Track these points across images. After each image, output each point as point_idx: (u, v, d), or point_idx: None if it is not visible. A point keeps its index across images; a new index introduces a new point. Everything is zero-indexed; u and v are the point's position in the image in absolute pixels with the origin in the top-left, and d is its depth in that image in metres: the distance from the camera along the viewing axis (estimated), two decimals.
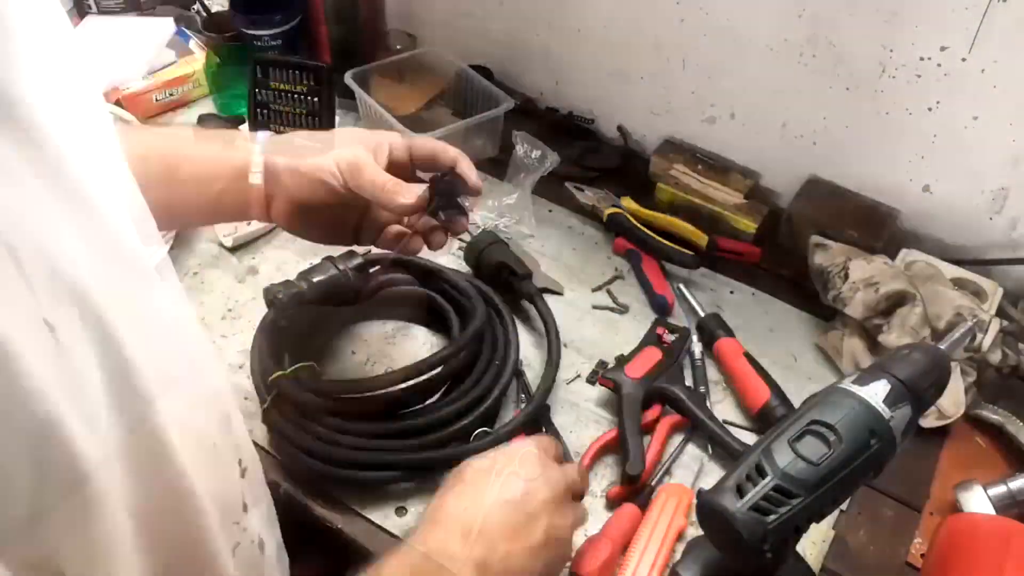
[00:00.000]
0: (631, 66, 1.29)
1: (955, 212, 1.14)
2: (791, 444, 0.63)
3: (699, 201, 1.21)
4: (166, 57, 1.36)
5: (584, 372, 1.01)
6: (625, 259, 1.17)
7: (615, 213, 1.17)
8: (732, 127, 1.26)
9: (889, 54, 1.06)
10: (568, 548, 0.73)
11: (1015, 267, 1.11)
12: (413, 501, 0.87)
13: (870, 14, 1.04)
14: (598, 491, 0.89)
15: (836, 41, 1.09)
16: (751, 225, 1.18)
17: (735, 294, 1.14)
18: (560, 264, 1.16)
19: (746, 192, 1.23)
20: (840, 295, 1.02)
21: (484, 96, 1.30)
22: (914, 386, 0.65)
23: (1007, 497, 0.86)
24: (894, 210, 1.17)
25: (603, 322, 1.08)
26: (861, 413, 0.63)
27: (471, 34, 1.43)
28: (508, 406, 0.96)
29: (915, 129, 1.10)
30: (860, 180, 1.19)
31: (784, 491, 0.61)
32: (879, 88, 1.09)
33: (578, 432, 0.95)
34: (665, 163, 1.27)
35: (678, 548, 0.84)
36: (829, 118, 1.16)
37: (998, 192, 1.09)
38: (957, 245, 1.16)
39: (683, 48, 1.22)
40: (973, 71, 1.02)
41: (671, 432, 0.94)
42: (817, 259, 1.08)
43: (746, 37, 1.16)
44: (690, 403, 0.94)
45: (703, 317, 1.06)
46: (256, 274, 1.10)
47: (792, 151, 1.22)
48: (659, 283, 1.11)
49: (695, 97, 1.26)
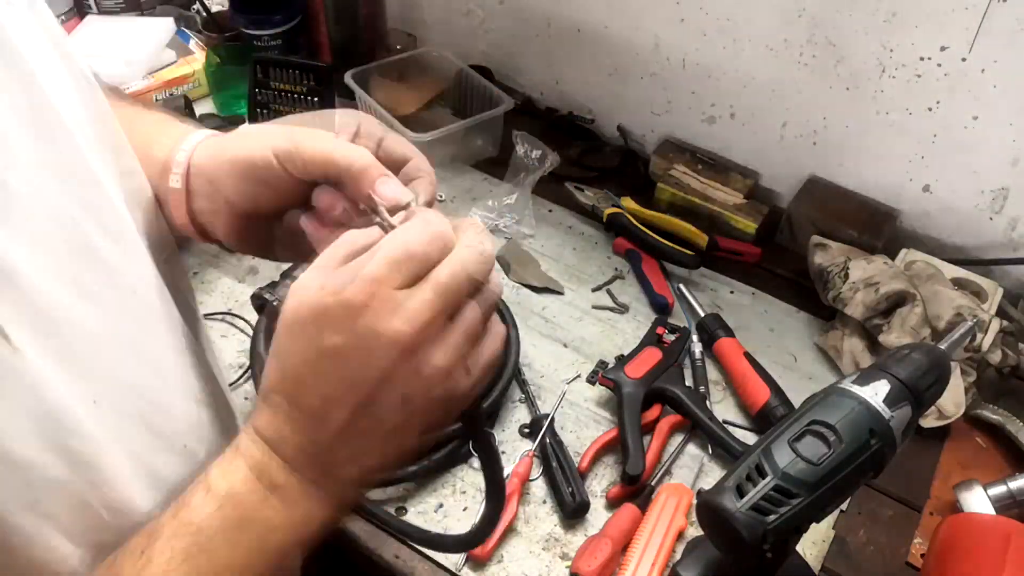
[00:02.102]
0: (631, 66, 1.29)
1: (955, 212, 1.14)
2: (791, 444, 0.63)
3: (699, 201, 1.21)
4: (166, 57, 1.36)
5: (584, 372, 1.01)
6: (625, 259, 1.17)
7: (615, 213, 1.17)
8: (732, 127, 1.26)
9: (889, 54, 1.06)
10: (458, 392, 0.45)
11: (1015, 267, 1.11)
12: (413, 501, 0.87)
13: (870, 14, 1.04)
14: (598, 491, 0.89)
15: (836, 41, 1.09)
16: (751, 225, 1.18)
17: (735, 294, 1.14)
18: (560, 264, 1.16)
19: (746, 192, 1.23)
20: (840, 295, 1.02)
21: (484, 96, 1.30)
22: (914, 386, 0.65)
23: (1007, 497, 0.86)
24: (894, 210, 1.17)
25: (603, 322, 1.08)
26: (861, 413, 0.63)
27: (471, 34, 1.43)
28: (508, 406, 0.96)
29: (915, 129, 1.10)
30: (860, 180, 1.19)
31: (784, 491, 0.61)
32: (879, 88, 1.09)
33: (578, 432, 0.95)
34: (665, 163, 1.27)
35: (678, 548, 0.84)
36: (829, 118, 1.16)
37: (998, 192, 1.09)
38: (957, 245, 1.16)
39: (683, 48, 1.22)
40: (973, 71, 1.02)
41: (671, 432, 0.94)
42: (817, 259, 1.08)
43: (746, 37, 1.16)
44: (690, 403, 0.94)
45: (703, 317, 1.06)
46: (256, 274, 1.10)
47: (792, 151, 1.22)
48: (659, 283, 1.11)
49: (695, 97, 1.26)
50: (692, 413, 0.93)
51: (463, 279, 0.43)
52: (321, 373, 0.43)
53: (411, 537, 0.75)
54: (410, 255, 0.42)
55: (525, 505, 0.87)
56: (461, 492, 0.88)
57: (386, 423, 0.44)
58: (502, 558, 0.83)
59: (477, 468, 0.90)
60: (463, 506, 0.87)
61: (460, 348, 0.44)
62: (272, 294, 0.94)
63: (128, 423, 0.50)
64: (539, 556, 0.83)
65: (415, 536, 0.73)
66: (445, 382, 0.44)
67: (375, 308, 0.41)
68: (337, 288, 0.42)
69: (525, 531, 0.85)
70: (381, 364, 0.42)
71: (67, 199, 0.47)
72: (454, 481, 0.89)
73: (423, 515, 0.86)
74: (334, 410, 0.44)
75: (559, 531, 0.86)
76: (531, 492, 0.89)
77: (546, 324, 1.07)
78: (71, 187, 0.47)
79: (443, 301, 0.43)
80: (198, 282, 1.08)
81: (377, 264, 0.42)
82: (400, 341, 0.42)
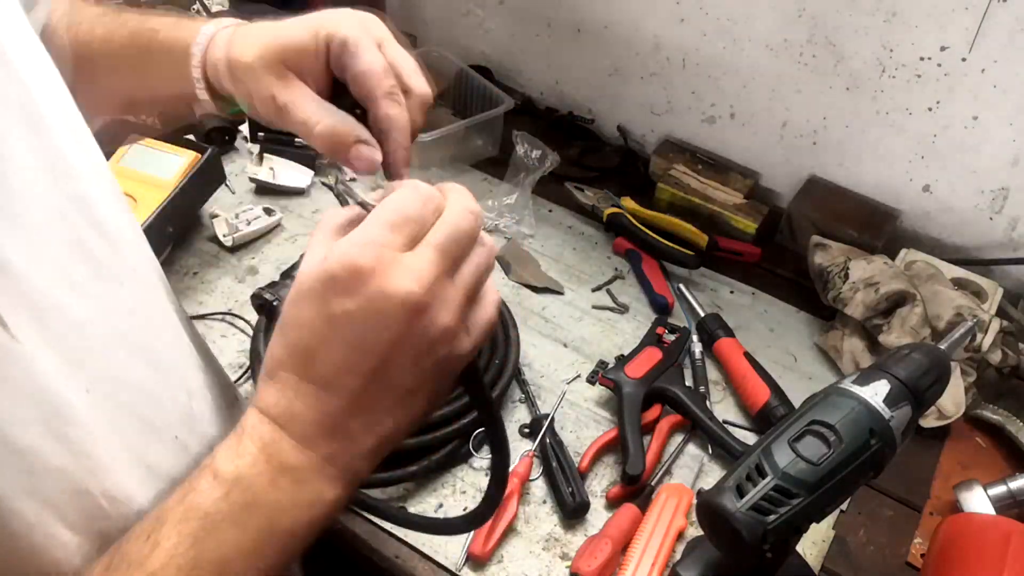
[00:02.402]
0: (631, 66, 1.29)
1: (955, 212, 1.14)
2: (791, 444, 0.63)
3: (699, 201, 1.21)
4: None
5: (584, 372, 1.01)
6: (625, 259, 1.17)
7: (615, 213, 1.17)
8: (732, 127, 1.26)
9: (889, 54, 1.06)
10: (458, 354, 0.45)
11: (1015, 267, 1.11)
12: (413, 501, 0.87)
13: (870, 14, 1.04)
14: (598, 491, 0.89)
15: (836, 41, 1.09)
16: (751, 225, 1.18)
17: (735, 294, 1.14)
18: (560, 264, 1.16)
19: (746, 192, 1.23)
20: (840, 295, 1.02)
21: (484, 96, 1.30)
22: (914, 386, 0.65)
23: (1007, 497, 0.86)
24: (894, 210, 1.17)
25: (603, 322, 1.08)
26: (861, 413, 0.63)
27: (471, 34, 1.43)
28: (508, 406, 0.96)
29: (915, 129, 1.10)
30: (860, 180, 1.19)
31: (784, 491, 0.61)
32: (879, 88, 1.09)
33: (578, 432, 0.95)
34: (665, 163, 1.27)
35: (678, 548, 0.84)
36: (829, 118, 1.16)
37: (998, 192, 1.09)
38: (957, 245, 1.16)
39: (683, 48, 1.22)
40: (973, 71, 1.02)
41: (671, 432, 0.94)
42: (817, 259, 1.08)
43: (746, 37, 1.16)
44: (690, 403, 0.94)
45: (703, 317, 1.06)
46: (256, 274, 1.10)
47: (792, 151, 1.22)
48: (659, 283, 1.11)
49: (695, 97, 1.26)
50: (692, 413, 0.93)
51: (459, 238, 0.44)
52: (332, 341, 0.43)
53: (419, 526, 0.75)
54: (407, 218, 0.43)
55: (525, 505, 0.87)
56: (461, 492, 0.88)
57: (398, 387, 0.44)
58: (502, 558, 0.83)
59: (477, 468, 0.90)
60: (463, 506, 0.87)
61: (462, 307, 0.44)
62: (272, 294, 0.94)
63: (120, 413, 0.50)
64: (539, 556, 0.83)
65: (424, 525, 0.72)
66: (451, 342, 0.44)
67: (382, 271, 0.41)
68: (341, 255, 0.42)
69: (525, 531, 0.85)
70: (392, 326, 0.42)
71: (56, 193, 0.47)
72: (454, 481, 0.89)
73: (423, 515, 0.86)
74: (346, 378, 0.43)
75: (559, 531, 0.86)
76: (531, 492, 0.89)
77: (546, 324, 1.07)
78: (60, 182, 0.48)
79: (445, 260, 0.43)
80: (198, 282, 1.08)
81: (378, 228, 0.42)
82: (410, 301, 0.41)
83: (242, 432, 0.45)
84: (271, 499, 0.44)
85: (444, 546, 0.83)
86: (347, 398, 0.44)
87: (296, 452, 0.44)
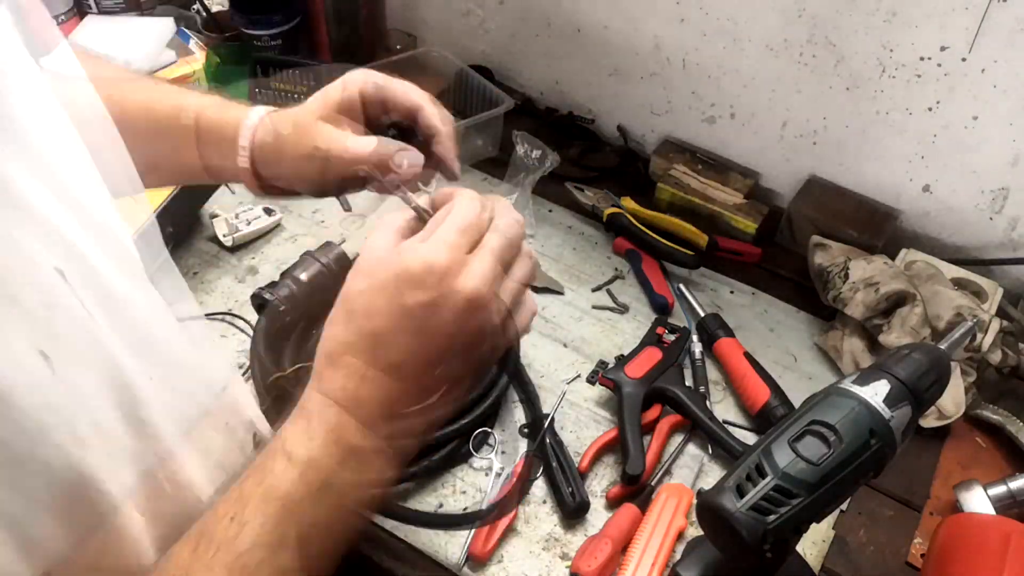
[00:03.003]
0: (631, 66, 1.29)
1: (955, 212, 1.14)
2: (791, 444, 0.63)
3: (699, 201, 1.21)
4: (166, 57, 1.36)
5: (584, 372, 1.01)
6: (625, 259, 1.17)
7: (615, 213, 1.17)
8: (732, 127, 1.26)
9: (889, 54, 1.06)
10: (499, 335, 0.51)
11: (1015, 267, 1.11)
12: (413, 501, 0.87)
13: (870, 14, 1.04)
14: (598, 491, 0.89)
15: (836, 41, 1.09)
16: (751, 225, 1.18)
17: (735, 294, 1.14)
18: (560, 264, 1.16)
19: (746, 192, 1.23)
20: (840, 295, 1.02)
21: (484, 96, 1.30)
22: (914, 386, 0.65)
23: (1007, 497, 0.86)
24: (894, 210, 1.17)
25: (603, 322, 1.08)
26: (861, 413, 0.63)
27: (471, 34, 1.43)
28: (508, 406, 0.96)
29: (915, 129, 1.10)
30: (860, 180, 1.19)
31: (784, 491, 0.61)
32: (879, 88, 1.09)
33: (578, 432, 0.95)
34: (665, 163, 1.27)
35: (678, 548, 0.84)
36: (829, 118, 1.16)
37: (998, 192, 1.09)
38: (957, 245, 1.16)
39: (683, 48, 1.22)
40: (973, 71, 1.02)
41: (671, 432, 0.94)
42: (817, 259, 1.08)
43: (746, 37, 1.16)
44: (690, 403, 0.94)
45: (703, 317, 1.06)
46: (256, 274, 1.10)
47: (792, 151, 1.22)
48: (659, 283, 1.11)
49: (695, 97, 1.26)
50: (692, 413, 0.93)
51: (509, 245, 0.51)
52: (403, 330, 0.48)
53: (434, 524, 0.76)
54: (469, 225, 0.49)
55: (525, 505, 0.87)
56: (461, 492, 0.88)
57: (451, 376, 0.50)
58: (502, 558, 0.83)
59: (477, 468, 0.90)
60: (463, 506, 0.87)
61: (509, 308, 0.51)
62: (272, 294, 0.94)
63: (179, 398, 0.52)
64: (539, 556, 0.83)
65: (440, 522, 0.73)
66: (497, 338, 0.50)
67: (454, 270, 0.47)
68: (420, 254, 0.47)
69: (525, 531, 0.85)
70: (456, 319, 0.47)
71: None
72: (454, 481, 0.89)
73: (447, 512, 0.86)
74: (412, 364, 0.48)
75: (559, 531, 0.86)
76: (531, 492, 0.89)
77: (546, 324, 1.07)
78: None
79: (499, 265, 0.49)
80: (198, 282, 1.08)
81: (451, 232, 0.49)
82: (475, 298, 0.47)
83: (308, 417, 0.49)
84: (341, 479, 0.49)
85: (444, 546, 0.83)
86: (409, 384, 0.49)
87: (361, 435, 0.49)
